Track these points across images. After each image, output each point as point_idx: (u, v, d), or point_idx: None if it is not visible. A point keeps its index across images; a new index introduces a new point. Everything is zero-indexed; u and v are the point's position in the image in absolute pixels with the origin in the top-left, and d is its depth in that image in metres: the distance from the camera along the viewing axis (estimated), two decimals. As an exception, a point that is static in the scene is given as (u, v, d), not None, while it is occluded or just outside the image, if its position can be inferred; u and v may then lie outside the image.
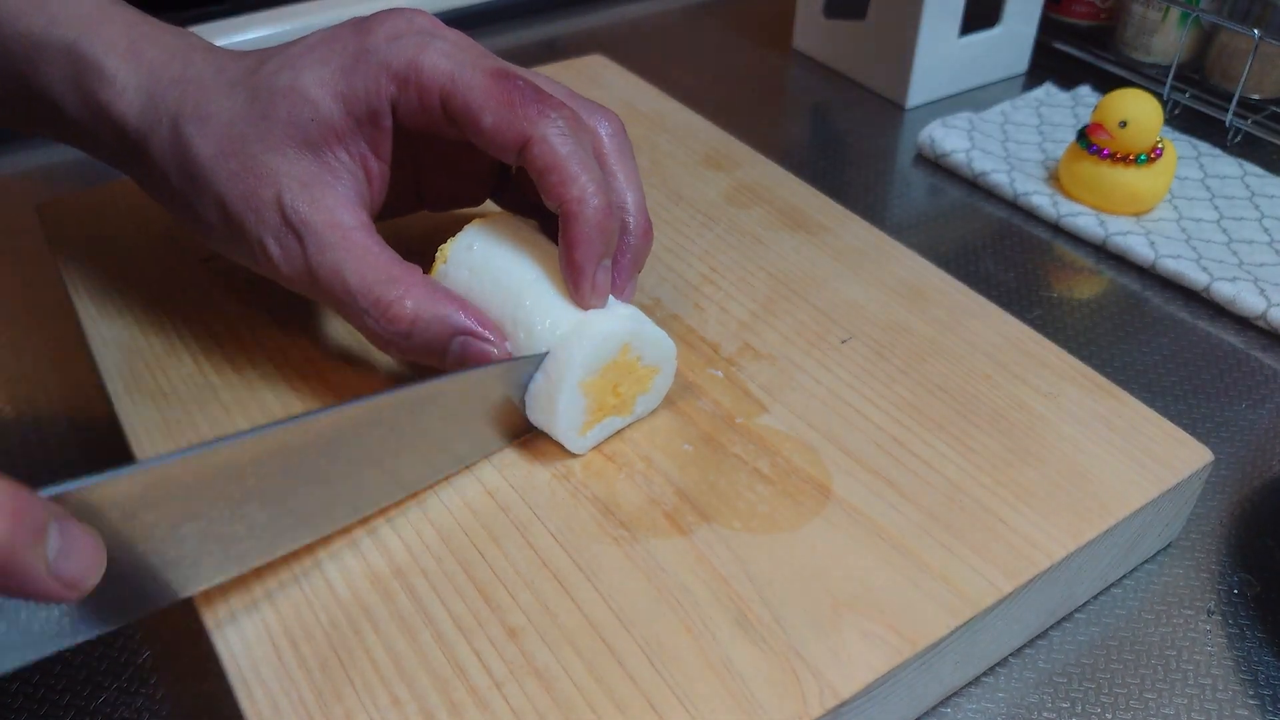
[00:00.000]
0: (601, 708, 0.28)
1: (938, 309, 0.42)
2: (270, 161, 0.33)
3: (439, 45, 0.34)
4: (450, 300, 0.34)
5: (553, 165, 0.33)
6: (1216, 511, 0.40)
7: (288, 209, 0.33)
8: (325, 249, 0.33)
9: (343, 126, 0.34)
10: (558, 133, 0.33)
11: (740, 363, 0.40)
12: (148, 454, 0.36)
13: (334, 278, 0.33)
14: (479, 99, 0.33)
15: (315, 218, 0.33)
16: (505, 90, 0.33)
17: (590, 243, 0.33)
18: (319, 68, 0.34)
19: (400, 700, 0.29)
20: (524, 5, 0.77)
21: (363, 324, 0.34)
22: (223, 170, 0.33)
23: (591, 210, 0.33)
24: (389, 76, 0.33)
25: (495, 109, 0.33)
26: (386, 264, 0.33)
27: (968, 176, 0.59)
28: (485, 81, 0.33)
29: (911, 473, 0.35)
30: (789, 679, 0.29)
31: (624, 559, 0.32)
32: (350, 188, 0.34)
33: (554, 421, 0.34)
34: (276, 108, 0.33)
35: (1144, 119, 0.53)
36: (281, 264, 0.34)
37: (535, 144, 0.33)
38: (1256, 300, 0.49)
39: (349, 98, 0.33)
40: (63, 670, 0.34)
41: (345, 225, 0.33)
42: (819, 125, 0.66)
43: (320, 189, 0.33)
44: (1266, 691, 0.34)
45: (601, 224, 0.33)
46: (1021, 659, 0.35)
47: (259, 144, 0.33)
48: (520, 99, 0.33)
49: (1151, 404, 0.38)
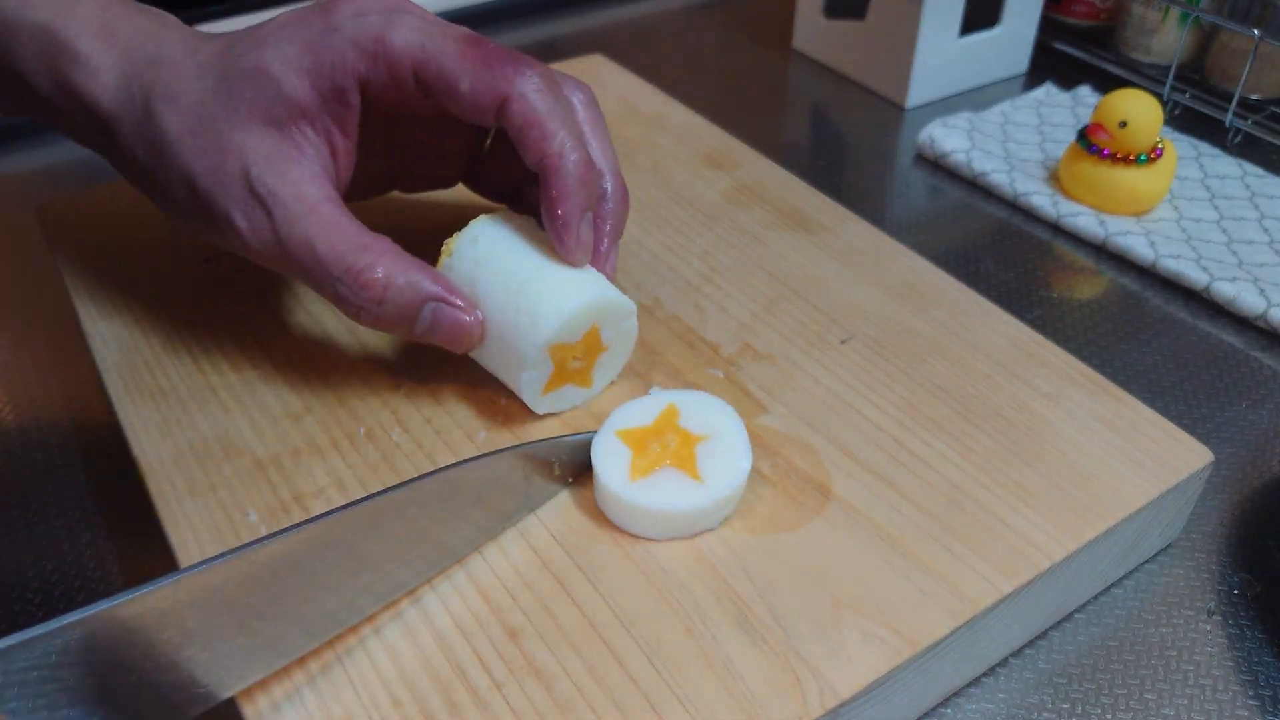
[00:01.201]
0: (601, 708, 0.28)
1: (938, 309, 0.42)
2: (237, 137, 0.34)
3: (405, 19, 0.34)
4: (421, 268, 0.34)
5: (532, 120, 0.33)
6: (1216, 511, 0.40)
7: (254, 182, 0.33)
8: (293, 221, 0.33)
9: (309, 104, 0.34)
10: (535, 89, 0.33)
11: (740, 363, 0.40)
12: (148, 453, 0.36)
13: (303, 248, 0.33)
14: (454, 64, 0.33)
15: (282, 190, 0.33)
16: (479, 53, 0.34)
17: (574, 195, 0.34)
18: (285, 46, 0.34)
19: (400, 701, 0.29)
20: (524, 5, 0.77)
21: (335, 293, 0.34)
22: (191, 147, 0.34)
23: (572, 163, 0.34)
24: (356, 53, 0.34)
25: (471, 71, 0.33)
26: (356, 233, 0.34)
27: (968, 176, 0.59)
28: (458, 47, 0.34)
29: (911, 473, 0.35)
30: (789, 679, 0.29)
31: (624, 559, 0.32)
32: (316, 163, 0.35)
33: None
34: (244, 86, 0.34)
35: (1144, 119, 0.53)
36: (249, 237, 0.34)
37: (514, 101, 0.33)
38: (1256, 300, 0.49)
39: (315, 75, 0.34)
40: (63, 670, 0.34)
41: (312, 198, 0.34)
42: (819, 125, 0.66)
43: (286, 163, 0.34)
44: (1267, 692, 0.34)
45: (583, 176, 0.34)
46: (1021, 659, 0.35)
47: (226, 121, 0.34)
48: (495, 59, 0.34)
49: (1151, 404, 0.38)
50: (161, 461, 0.35)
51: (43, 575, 0.37)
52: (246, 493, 0.34)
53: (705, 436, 0.34)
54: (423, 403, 0.38)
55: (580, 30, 0.77)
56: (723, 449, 0.34)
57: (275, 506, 0.34)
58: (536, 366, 0.35)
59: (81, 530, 0.39)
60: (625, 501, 0.32)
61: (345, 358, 0.39)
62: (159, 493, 0.34)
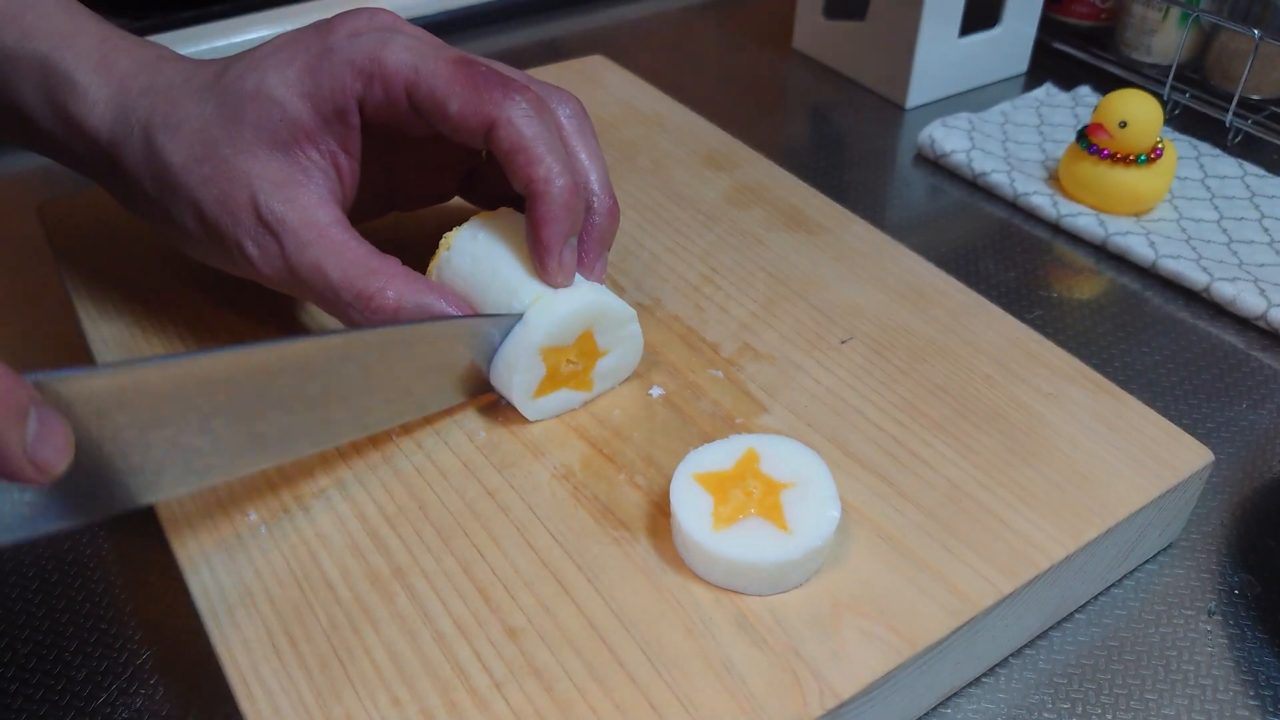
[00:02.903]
0: (601, 708, 0.28)
1: (938, 309, 0.42)
2: (242, 164, 0.34)
3: (400, 40, 0.34)
4: (431, 289, 0.34)
5: (519, 146, 0.34)
6: (1216, 511, 0.40)
7: (263, 209, 0.33)
8: (304, 247, 0.34)
9: (311, 125, 0.34)
10: (523, 114, 0.34)
11: (740, 363, 0.40)
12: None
13: (315, 274, 0.34)
14: (444, 86, 0.34)
15: (291, 217, 0.34)
16: (469, 76, 0.34)
17: (556, 221, 0.34)
18: (284, 69, 0.34)
19: (400, 701, 0.29)
20: (524, 5, 0.77)
21: (347, 316, 0.34)
22: (196, 175, 0.34)
23: (557, 190, 0.34)
24: (354, 73, 0.34)
25: (460, 94, 0.34)
26: (365, 256, 0.34)
27: (968, 176, 0.59)
28: (449, 69, 0.34)
29: (911, 473, 0.35)
30: (789, 679, 0.29)
31: (624, 559, 0.32)
32: (323, 185, 0.35)
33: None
34: (245, 111, 0.34)
35: (1144, 119, 0.53)
36: (261, 265, 0.34)
37: (501, 126, 0.34)
38: (1256, 300, 0.49)
39: (315, 97, 0.34)
40: (63, 670, 0.34)
41: (321, 222, 0.34)
42: (819, 125, 0.66)
43: (294, 188, 0.34)
44: (1267, 692, 0.34)
45: (567, 203, 0.34)
46: (1021, 659, 0.35)
47: (230, 147, 0.34)
48: (484, 83, 0.34)
49: (1151, 404, 0.38)
50: (161, 461, 0.35)
51: (43, 575, 0.37)
52: (246, 493, 0.34)
53: (790, 484, 0.32)
54: (423, 403, 0.38)
55: (580, 30, 0.76)
56: (810, 496, 0.32)
57: (275, 506, 0.34)
58: (528, 370, 0.35)
59: (81, 530, 0.39)
60: (711, 553, 0.31)
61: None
62: (159, 493, 0.34)
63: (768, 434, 0.35)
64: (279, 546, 0.33)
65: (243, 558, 0.32)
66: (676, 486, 0.32)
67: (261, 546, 0.33)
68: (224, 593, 0.31)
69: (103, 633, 0.35)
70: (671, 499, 0.32)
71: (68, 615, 0.36)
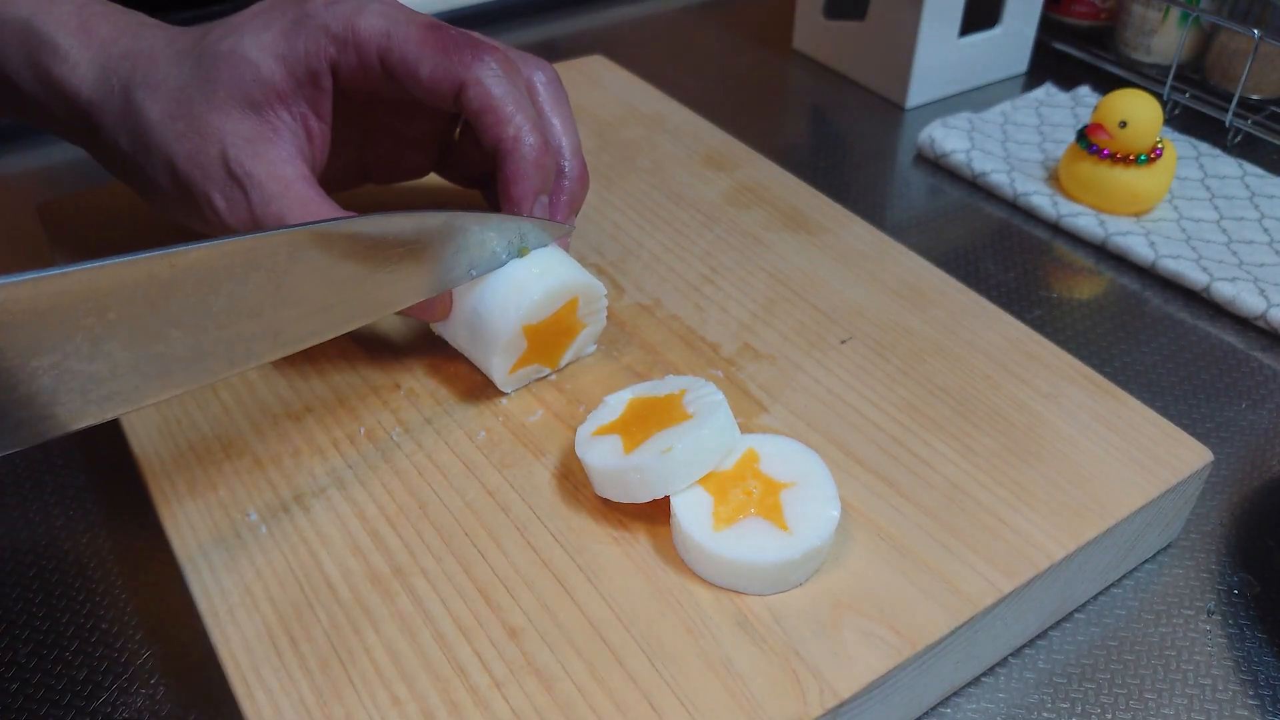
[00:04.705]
0: (601, 708, 0.28)
1: (938, 309, 0.42)
2: (215, 121, 0.34)
3: (374, 6, 0.35)
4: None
5: (488, 106, 0.35)
6: (1216, 511, 0.40)
7: (232, 163, 0.34)
8: (269, 200, 0.34)
9: (284, 87, 0.35)
10: (492, 74, 0.35)
11: (740, 363, 0.40)
12: (148, 453, 0.36)
13: (278, 225, 0.34)
14: (415, 50, 0.35)
15: (258, 170, 0.34)
16: (439, 39, 0.35)
17: (526, 178, 0.35)
18: (261, 32, 0.35)
19: (400, 700, 0.29)
20: (524, 5, 0.77)
21: None
22: (170, 131, 0.35)
23: (527, 147, 0.35)
24: (328, 38, 0.35)
25: (431, 57, 0.35)
26: (329, 211, 0.35)
27: (968, 177, 0.59)
28: (420, 33, 0.35)
29: (911, 473, 0.35)
30: (789, 679, 0.29)
31: (624, 559, 0.32)
32: (292, 144, 0.35)
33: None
34: (220, 71, 0.35)
35: (1144, 119, 0.53)
36: (227, 216, 0.35)
37: (471, 86, 0.35)
38: (1256, 300, 0.49)
39: (289, 60, 0.35)
40: (63, 670, 0.34)
41: (287, 177, 0.35)
42: (819, 125, 0.66)
43: (263, 144, 0.35)
44: (1266, 692, 0.34)
45: (537, 160, 0.35)
46: (1021, 659, 0.35)
47: (204, 105, 0.34)
48: (454, 46, 0.35)
49: (1151, 404, 0.38)
50: (161, 461, 0.35)
51: (43, 575, 0.37)
52: (246, 492, 0.34)
53: (790, 483, 0.32)
54: (423, 403, 0.38)
55: (580, 30, 0.77)
56: (810, 496, 0.32)
57: (275, 506, 0.34)
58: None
59: (81, 530, 0.39)
60: (711, 553, 0.31)
61: (345, 358, 0.39)
62: (159, 493, 0.34)
63: (768, 434, 0.35)
64: (279, 546, 0.33)
65: (243, 557, 0.32)
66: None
67: (262, 546, 0.33)
68: (224, 592, 0.31)
69: (103, 633, 0.35)
70: (671, 499, 0.32)
71: (68, 615, 0.36)
